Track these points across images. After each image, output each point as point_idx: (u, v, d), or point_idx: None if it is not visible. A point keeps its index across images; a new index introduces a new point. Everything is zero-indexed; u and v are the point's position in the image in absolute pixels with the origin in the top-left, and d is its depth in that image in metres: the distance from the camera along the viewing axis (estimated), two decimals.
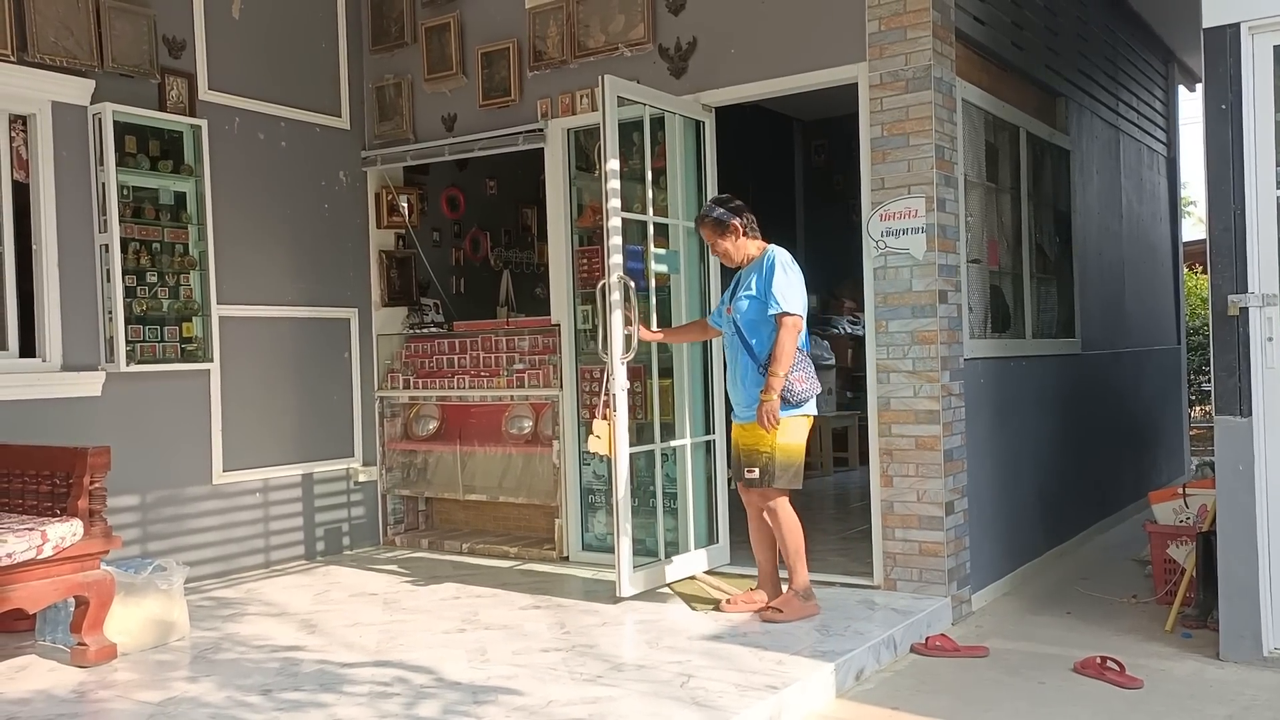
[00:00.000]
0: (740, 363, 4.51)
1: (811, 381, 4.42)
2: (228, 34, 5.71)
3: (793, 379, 4.34)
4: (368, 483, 6.43)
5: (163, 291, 5.34)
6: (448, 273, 7.54)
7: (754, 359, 4.43)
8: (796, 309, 4.35)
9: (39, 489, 4.14)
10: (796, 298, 4.37)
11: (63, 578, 3.90)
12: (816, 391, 4.46)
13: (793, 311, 4.33)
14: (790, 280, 4.39)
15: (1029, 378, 5.85)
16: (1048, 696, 3.81)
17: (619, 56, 5.53)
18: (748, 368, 4.46)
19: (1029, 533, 5.71)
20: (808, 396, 4.42)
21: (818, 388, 4.46)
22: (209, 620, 4.64)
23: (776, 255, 4.46)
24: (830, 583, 5.03)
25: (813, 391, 4.43)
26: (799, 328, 4.36)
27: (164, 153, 5.38)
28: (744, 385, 4.49)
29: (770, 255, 4.46)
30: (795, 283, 4.40)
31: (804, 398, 4.41)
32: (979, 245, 5.42)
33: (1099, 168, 7.28)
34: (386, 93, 6.39)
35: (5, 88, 4.79)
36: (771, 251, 4.48)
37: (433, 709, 3.42)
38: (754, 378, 4.43)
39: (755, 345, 4.43)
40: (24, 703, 3.56)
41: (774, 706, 3.48)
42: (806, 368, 4.43)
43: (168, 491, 5.38)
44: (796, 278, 4.42)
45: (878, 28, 4.80)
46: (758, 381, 4.39)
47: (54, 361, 4.94)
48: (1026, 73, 6.01)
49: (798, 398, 4.37)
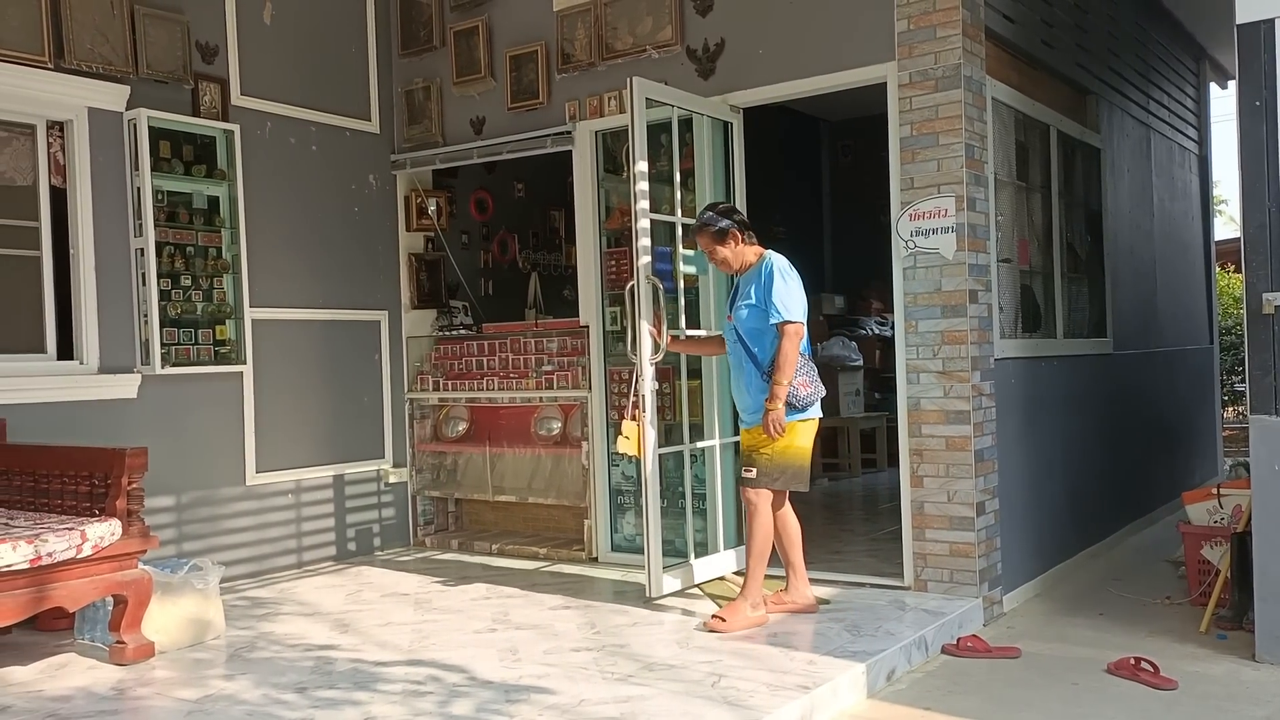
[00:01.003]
0: (744, 370, 4.50)
1: (815, 386, 4.41)
2: (259, 39, 5.78)
3: (797, 384, 4.33)
4: (398, 484, 6.48)
5: (197, 295, 5.41)
6: (476, 275, 7.59)
7: (757, 366, 4.43)
8: (797, 316, 4.33)
9: (78, 489, 4.20)
10: (797, 305, 4.35)
11: (101, 577, 3.95)
12: (820, 395, 4.44)
13: (794, 319, 4.31)
14: (789, 287, 4.37)
15: (1060, 378, 5.81)
16: (1081, 697, 3.79)
17: (647, 58, 5.54)
18: (752, 375, 4.45)
19: (1061, 533, 5.67)
20: (812, 400, 4.41)
21: (821, 391, 4.45)
22: (244, 619, 4.70)
23: (774, 262, 4.43)
24: (860, 583, 5.02)
25: (817, 395, 4.42)
26: (801, 335, 4.34)
27: (198, 157, 5.45)
28: (749, 392, 4.48)
29: (768, 262, 4.44)
30: (794, 289, 4.38)
31: (808, 402, 4.40)
32: (1009, 244, 5.39)
33: (1130, 166, 7.22)
34: (416, 96, 6.44)
35: (43, 94, 4.87)
36: (769, 259, 4.46)
37: (466, 707, 3.44)
38: (758, 385, 4.42)
39: (758, 353, 4.43)
40: (65, 699, 3.62)
41: (805, 706, 3.48)
42: (809, 372, 4.42)
43: (202, 492, 5.45)
44: (795, 284, 4.40)
45: (907, 26, 4.79)
46: (762, 389, 4.38)
47: (91, 364, 5.01)
48: (1057, 70, 5.98)
49: (802, 402, 4.37)
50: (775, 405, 4.30)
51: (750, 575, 4.44)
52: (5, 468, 4.46)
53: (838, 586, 5.00)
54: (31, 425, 4.66)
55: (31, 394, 4.76)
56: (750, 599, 4.40)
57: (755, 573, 4.43)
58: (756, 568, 4.44)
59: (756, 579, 4.43)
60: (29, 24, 4.78)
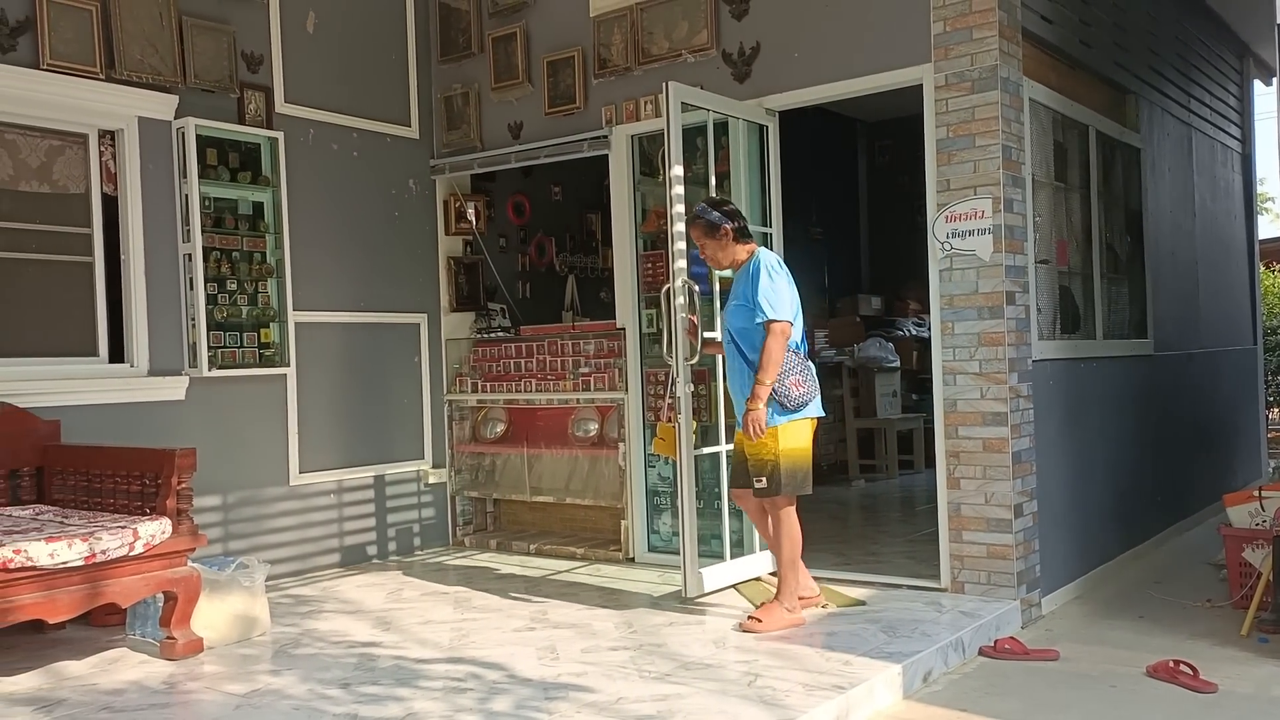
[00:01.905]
0: (738, 371, 4.49)
1: (809, 384, 4.35)
2: (303, 48, 5.89)
3: (788, 383, 4.28)
4: (437, 484, 6.57)
5: (242, 298, 5.52)
6: (514, 278, 7.67)
7: (750, 367, 4.39)
8: (783, 314, 4.28)
9: (129, 489, 4.31)
10: (783, 303, 4.30)
11: (152, 574, 4.06)
12: (815, 395, 4.38)
13: (779, 318, 4.26)
14: (776, 285, 4.32)
15: (1100, 379, 5.78)
16: (1120, 700, 3.78)
17: (682, 62, 5.58)
18: (746, 376, 4.42)
19: (1100, 536, 5.63)
20: (805, 400, 4.35)
21: (816, 390, 4.39)
22: (288, 616, 4.79)
23: (762, 260, 4.39)
24: (897, 585, 5.03)
25: (811, 395, 4.36)
26: (787, 334, 4.28)
27: (243, 164, 5.56)
28: (743, 394, 4.44)
29: (756, 260, 4.41)
30: (782, 287, 4.33)
31: (801, 401, 4.34)
32: (1048, 245, 5.37)
33: (1171, 165, 7.15)
34: (454, 102, 6.53)
35: (95, 104, 5.00)
36: (758, 256, 4.43)
37: (505, 704, 3.50)
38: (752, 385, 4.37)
39: (750, 353, 4.40)
40: (118, 693, 3.72)
41: (841, 706, 3.50)
42: (802, 370, 4.36)
43: (248, 492, 5.56)
44: (783, 281, 4.35)
45: (943, 29, 4.79)
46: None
47: (141, 367, 5.14)
48: (1095, 70, 5.94)
49: (794, 402, 4.31)
50: (755, 405, 4.27)
51: (783, 581, 4.45)
52: (60, 468, 4.59)
53: (874, 588, 5.01)
54: (85, 426, 4.79)
55: (84, 396, 4.89)
56: (786, 601, 4.42)
57: (788, 578, 4.44)
58: (789, 574, 4.44)
59: (788, 583, 4.44)
60: (81, 36, 4.91)
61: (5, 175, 4.84)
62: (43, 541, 3.72)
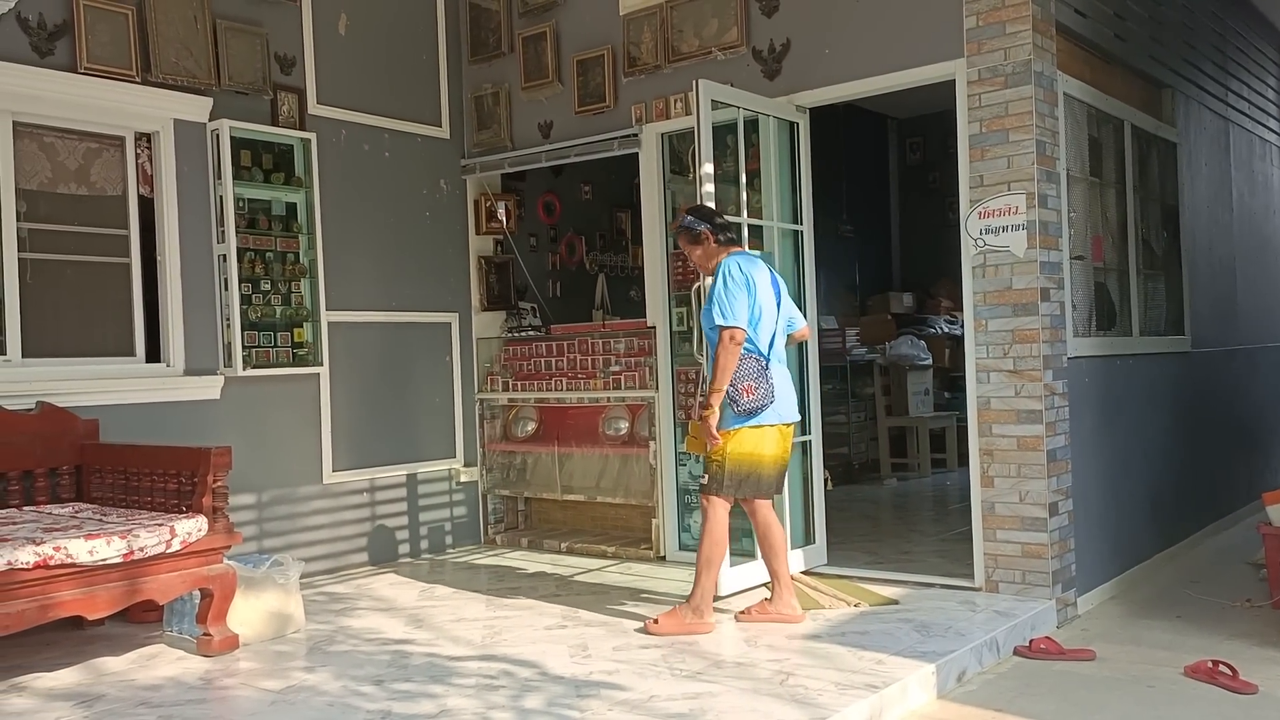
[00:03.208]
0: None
1: (761, 391, 4.24)
2: (335, 50, 5.94)
3: (740, 389, 4.22)
4: (469, 483, 6.60)
5: (276, 299, 5.57)
6: (544, 277, 7.69)
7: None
8: (733, 320, 4.19)
9: (166, 487, 4.36)
10: (734, 308, 4.21)
11: (189, 571, 4.10)
12: (768, 401, 4.25)
13: (728, 324, 4.19)
14: (730, 290, 4.23)
15: (1136, 376, 5.71)
16: (1157, 700, 3.73)
17: (712, 60, 5.57)
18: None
19: (1137, 535, 5.57)
20: (755, 407, 4.25)
21: (771, 398, 4.26)
22: (322, 614, 4.83)
23: (723, 265, 4.33)
24: (930, 584, 5.00)
25: (761, 402, 4.24)
26: (736, 339, 4.19)
27: (276, 165, 5.61)
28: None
29: (720, 265, 4.35)
30: (736, 291, 4.23)
31: (750, 408, 4.24)
32: (1083, 241, 5.31)
33: (1208, 160, 7.05)
34: (485, 102, 6.55)
35: (132, 107, 5.06)
36: (723, 261, 4.36)
37: (538, 701, 3.51)
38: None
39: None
40: (156, 689, 3.77)
41: (874, 705, 3.49)
42: (757, 376, 4.26)
43: (282, 490, 5.61)
44: (738, 286, 4.24)
45: (976, 23, 4.75)
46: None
47: (177, 366, 5.20)
48: (1130, 64, 5.87)
49: (743, 408, 4.24)
50: (705, 412, 4.26)
51: (695, 583, 4.35)
52: (99, 466, 4.65)
53: (907, 587, 4.98)
54: (122, 425, 4.85)
55: (122, 395, 4.95)
56: (692, 602, 4.33)
57: (700, 579, 4.34)
58: (702, 575, 4.34)
59: (701, 586, 4.33)
60: (118, 40, 4.97)
61: (44, 178, 4.91)
62: (82, 539, 3.77)
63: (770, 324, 4.35)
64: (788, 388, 4.42)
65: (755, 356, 4.30)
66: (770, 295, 4.38)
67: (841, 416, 8.88)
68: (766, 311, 4.33)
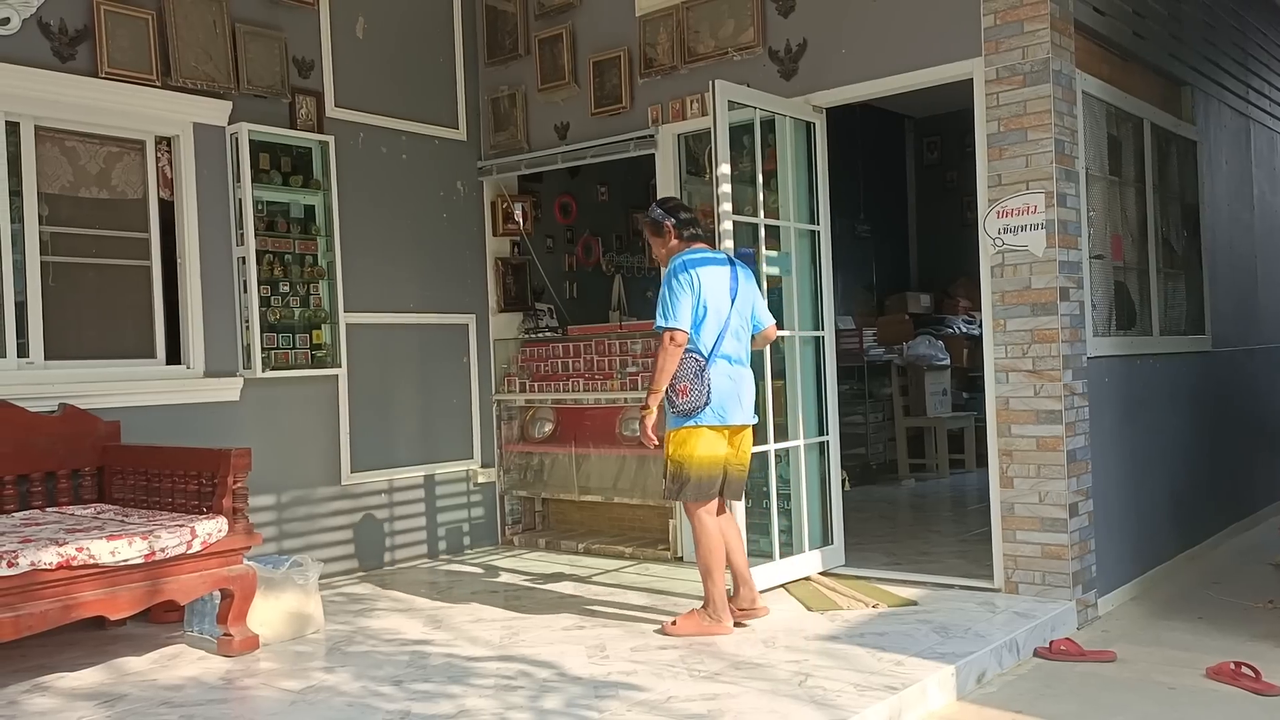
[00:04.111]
0: None
1: (695, 393, 4.20)
2: (352, 53, 5.96)
3: (677, 389, 4.21)
4: (486, 484, 6.61)
5: (294, 301, 5.60)
6: (561, 278, 7.70)
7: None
8: (673, 322, 4.19)
9: (187, 488, 4.39)
10: (676, 310, 4.19)
11: (210, 571, 4.13)
12: (701, 403, 4.21)
13: (668, 325, 4.19)
14: (674, 291, 4.22)
15: (1157, 376, 5.67)
16: (1178, 701, 3.71)
17: (728, 61, 5.57)
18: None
19: (1158, 535, 5.53)
20: (689, 408, 4.22)
21: (706, 399, 4.20)
22: (341, 614, 4.85)
23: (672, 263, 4.34)
24: (949, 585, 4.98)
25: (695, 403, 4.21)
26: (678, 342, 4.18)
27: (294, 168, 5.64)
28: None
29: (670, 263, 4.38)
30: (679, 292, 4.21)
31: (685, 409, 4.22)
32: (1102, 240, 5.29)
33: (1228, 158, 7.00)
34: (501, 104, 6.57)
35: (152, 111, 5.09)
36: (673, 260, 4.37)
37: (556, 702, 3.51)
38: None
39: None
40: (177, 688, 3.79)
41: (893, 707, 3.48)
42: (694, 378, 4.21)
43: (301, 491, 5.63)
44: (681, 286, 4.22)
45: (993, 22, 4.73)
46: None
47: (197, 368, 5.23)
48: (1149, 62, 5.83)
49: (678, 409, 4.24)
50: (643, 412, 4.29)
51: (704, 587, 4.36)
52: (120, 467, 4.69)
53: (925, 588, 4.96)
54: (143, 427, 4.88)
55: (143, 397, 4.98)
56: (709, 609, 4.33)
57: (706, 585, 4.34)
58: (705, 580, 4.33)
59: (707, 593, 4.33)
60: (138, 45, 5.01)
61: (66, 182, 4.96)
62: (104, 539, 3.80)
63: (716, 325, 4.28)
64: (734, 389, 4.30)
65: (695, 357, 4.25)
66: (723, 295, 4.31)
67: (859, 417, 8.86)
68: (713, 312, 4.27)
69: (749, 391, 4.40)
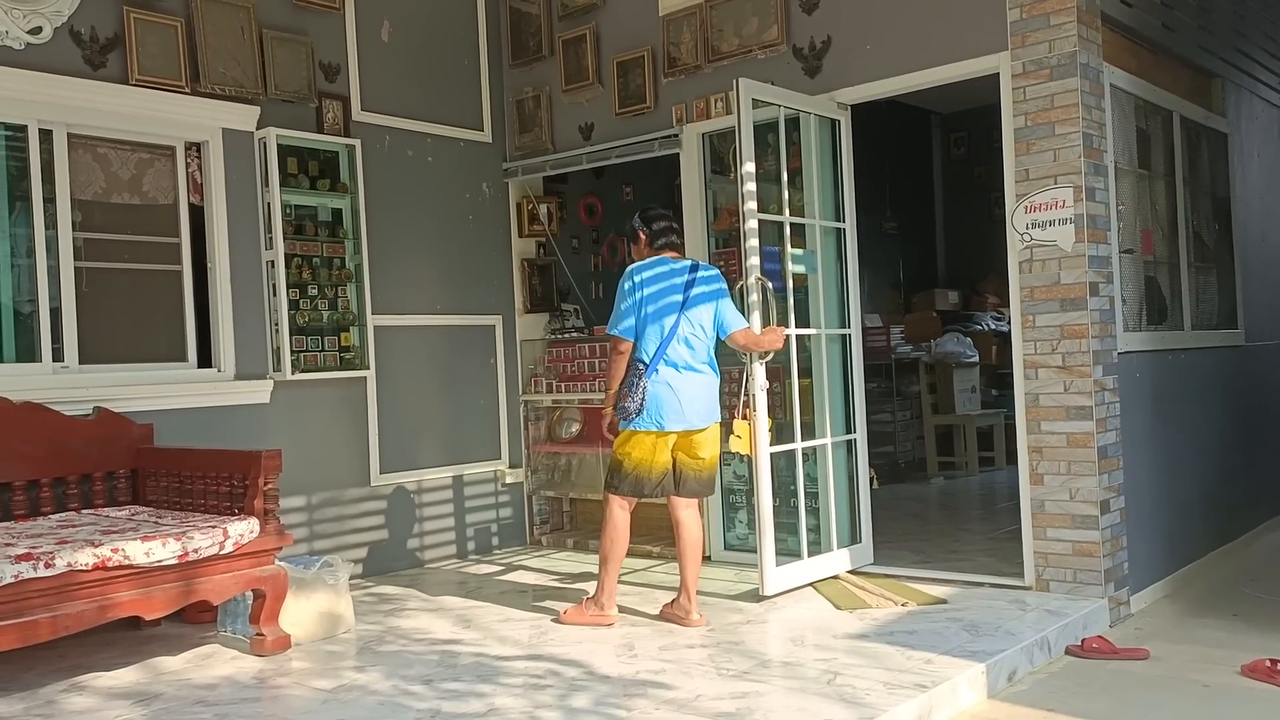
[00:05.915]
0: None
1: (631, 400, 4.36)
2: (378, 57, 6.00)
3: (621, 394, 4.41)
4: (514, 484, 6.64)
5: (323, 303, 5.64)
6: (587, 278, 7.71)
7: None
8: (613, 330, 4.45)
9: (219, 489, 4.44)
10: (618, 319, 4.44)
11: (242, 572, 4.17)
12: (635, 410, 4.35)
13: (610, 333, 4.47)
14: (618, 300, 4.47)
15: (1189, 371, 5.61)
16: (1213, 699, 3.67)
17: (752, 59, 5.56)
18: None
19: (1191, 532, 5.47)
20: (628, 413, 4.38)
21: (641, 406, 4.34)
22: (371, 614, 4.89)
23: (625, 272, 4.52)
24: (979, 583, 4.95)
25: (628, 411, 4.37)
26: (619, 349, 4.43)
27: (322, 172, 5.69)
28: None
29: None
30: (619, 300, 4.46)
31: (626, 413, 4.40)
32: (1132, 235, 5.23)
33: (1260, 150, 6.92)
34: (526, 105, 6.59)
35: (182, 117, 5.15)
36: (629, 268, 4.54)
37: (585, 700, 3.52)
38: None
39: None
40: (211, 688, 3.84)
41: (923, 705, 3.46)
42: (631, 385, 4.38)
43: (330, 492, 5.68)
44: (623, 296, 4.45)
45: (1019, 15, 4.70)
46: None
47: (228, 371, 5.28)
48: (1179, 54, 5.77)
49: (622, 413, 4.42)
50: (605, 410, 4.52)
51: (598, 577, 4.56)
52: (153, 470, 4.74)
53: (955, 586, 4.94)
54: (175, 429, 4.94)
55: (175, 400, 5.04)
56: (596, 599, 4.54)
57: (599, 575, 4.55)
58: (599, 570, 4.56)
59: (600, 581, 4.54)
60: (167, 51, 5.07)
61: (98, 188, 5.02)
62: (139, 541, 3.85)
63: (658, 333, 4.41)
64: (673, 396, 4.37)
65: (637, 364, 4.43)
66: (670, 302, 4.43)
67: (887, 415, 8.81)
68: (655, 320, 4.41)
69: (701, 396, 4.46)
